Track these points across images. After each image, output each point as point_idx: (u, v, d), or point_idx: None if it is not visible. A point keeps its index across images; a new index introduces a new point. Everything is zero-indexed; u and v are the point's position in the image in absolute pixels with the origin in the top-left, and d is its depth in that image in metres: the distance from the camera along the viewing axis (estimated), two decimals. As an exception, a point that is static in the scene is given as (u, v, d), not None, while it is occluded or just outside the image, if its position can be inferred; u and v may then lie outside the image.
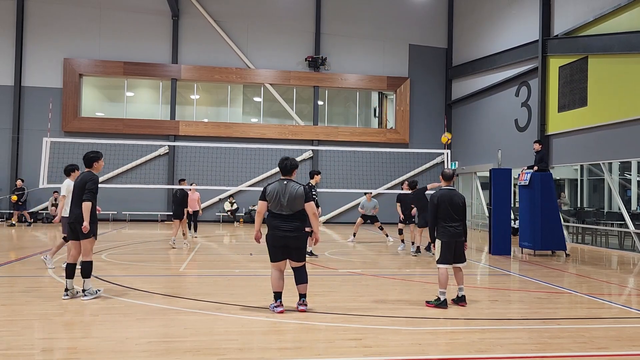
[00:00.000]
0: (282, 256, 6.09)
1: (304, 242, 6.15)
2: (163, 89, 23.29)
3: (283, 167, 6.17)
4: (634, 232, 13.72)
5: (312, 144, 23.30)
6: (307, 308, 6.12)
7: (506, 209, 12.91)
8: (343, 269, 9.87)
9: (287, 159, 6.19)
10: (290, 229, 5.97)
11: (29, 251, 11.42)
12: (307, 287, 6.18)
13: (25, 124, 21.71)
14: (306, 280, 6.15)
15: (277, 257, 6.10)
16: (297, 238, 6.02)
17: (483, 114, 21.85)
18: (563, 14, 16.64)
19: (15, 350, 4.53)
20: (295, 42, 23.81)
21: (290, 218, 6.00)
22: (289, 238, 5.98)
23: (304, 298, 6.16)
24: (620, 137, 14.13)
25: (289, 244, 6.02)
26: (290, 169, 6.16)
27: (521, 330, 5.56)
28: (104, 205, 22.07)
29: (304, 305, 6.11)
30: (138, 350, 4.60)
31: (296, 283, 6.15)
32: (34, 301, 6.48)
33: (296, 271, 6.15)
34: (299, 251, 6.10)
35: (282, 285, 6.12)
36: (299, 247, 6.09)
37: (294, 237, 6.00)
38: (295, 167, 6.21)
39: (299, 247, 6.08)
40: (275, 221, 6.01)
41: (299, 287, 6.14)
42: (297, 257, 6.12)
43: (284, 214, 6.00)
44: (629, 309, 6.82)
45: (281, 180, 6.13)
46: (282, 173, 6.19)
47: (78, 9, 22.30)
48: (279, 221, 5.99)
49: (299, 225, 6.04)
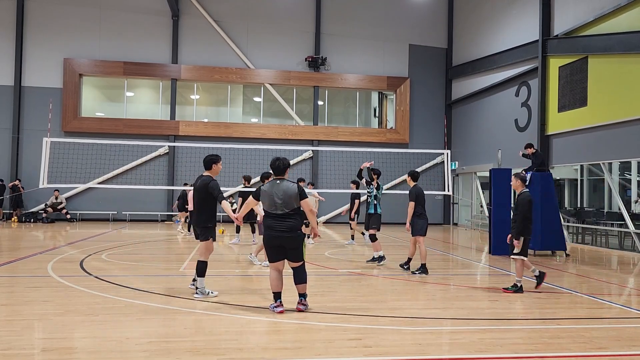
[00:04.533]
0: (279, 256, 6.10)
1: (300, 242, 6.12)
2: (163, 89, 23.29)
3: (276, 167, 6.21)
4: (634, 232, 13.72)
5: (312, 144, 23.30)
6: (306, 308, 6.13)
7: (506, 209, 12.90)
8: (343, 269, 9.86)
9: (279, 159, 6.23)
10: (284, 228, 5.99)
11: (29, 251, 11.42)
12: (306, 286, 6.18)
13: (25, 124, 21.71)
14: (305, 280, 6.16)
15: (274, 257, 6.12)
16: (292, 238, 6.02)
17: (483, 114, 21.85)
18: (563, 14, 16.64)
19: (15, 350, 4.53)
20: (295, 42, 23.81)
21: (284, 217, 6.02)
22: (283, 238, 6.00)
23: (304, 297, 6.16)
24: (620, 137, 14.13)
25: (284, 244, 6.03)
26: (283, 169, 6.20)
27: (521, 330, 5.56)
28: (104, 205, 22.34)
29: (303, 305, 6.11)
30: (138, 350, 4.60)
31: (295, 283, 6.15)
32: (34, 301, 6.48)
33: (295, 271, 6.16)
34: (295, 251, 6.09)
35: (281, 286, 6.11)
36: (295, 248, 6.08)
37: (289, 238, 6.01)
38: (288, 166, 6.26)
39: (294, 248, 6.08)
40: (270, 221, 6.06)
41: (298, 287, 6.15)
42: (294, 257, 6.11)
43: (278, 213, 6.03)
44: (629, 309, 6.82)
45: (274, 180, 6.17)
46: (275, 173, 6.22)
47: (78, 9, 22.30)
48: (273, 221, 6.04)
49: (293, 224, 6.04)
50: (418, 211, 9.34)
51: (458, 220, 24.17)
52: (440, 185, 22.82)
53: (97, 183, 19.94)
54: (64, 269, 9.02)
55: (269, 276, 6.21)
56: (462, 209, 24.13)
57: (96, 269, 9.06)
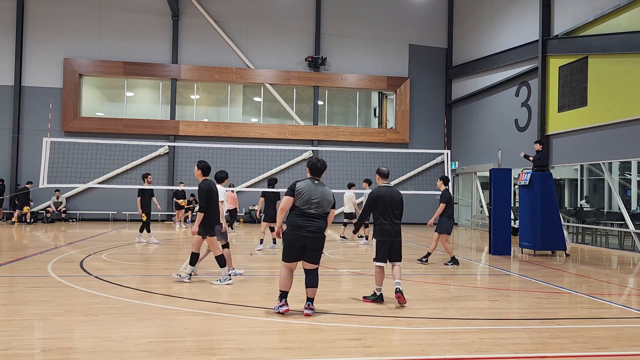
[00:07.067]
0: (297, 257, 5.98)
1: (323, 245, 6.07)
2: (163, 89, 23.29)
3: (318, 169, 6.13)
4: (634, 232, 13.72)
5: (312, 144, 23.31)
6: (313, 312, 5.99)
7: (506, 209, 12.90)
8: (343, 269, 9.86)
9: (319, 160, 6.17)
10: (314, 229, 5.88)
11: (29, 251, 11.42)
12: (316, 291, 6.08)
13: (25, 124, 21.71)
14: (317, 284, 6.05)
15: (292, 257, 5.97)
16: (318, 239, 5.94)
17: (483, 114, 21.85)
18: (563, 14, 16.63)
19: (15, 350, 4.53)
20: (295, 42, 23.81)
21: (317, 217, 5.95)
22: (310, 239, 5.88)
23: (311, 302, 6.03)
24: (620, 137, 14.13)
25: (309, 245, 5.91)
26: (322, 170, 6.16)
27: (521, 330, 5.56)
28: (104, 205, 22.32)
29: (310, 310, 5.97)
30: (138, 350, 4.60)
31: (306, 286, 6.03)
32: (34, 301, 6.48)
33: (308, 274, 6.04)
34: (317, 253, 6.01)
35: (290, 285, 6.04)
36: (318, 249, 6.00)
37: (317, 238, 5.92)
38: (326, 167, 6.23)
39: (318, 249, 6.00)
40: (301, 220, 5.89)
41: (309, 290, 6.02)
42: (314, 258, 6.01)
43: (311, 213, 5.91)
44: (629, 309, 6.82)
45: (312, 179, 6.09)
46: (315, 173, 6.13)
47: (78, 9, 22.31)
48: (304, 220, 5.88)
49: (322, 225, 5.97)
50: (448, 212, 10.29)
51: (458, 220, 24.16)
52: (440, 185, 22.79)
53: (97, 183, 19.94)
54: (64, 269, 9.02)
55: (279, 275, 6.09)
56: (462, 209, 24.13)
57: (96, 269, 9.06)
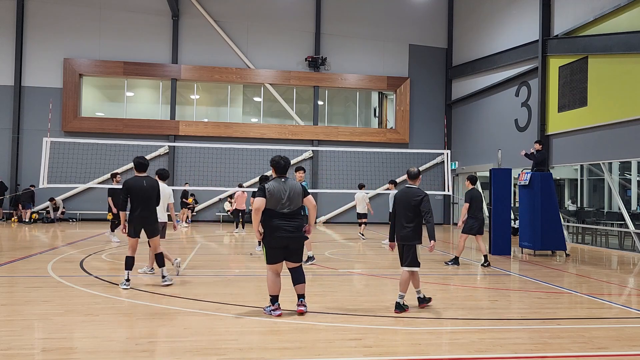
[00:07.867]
0: (280, 258, 6.01)
1: (303, 243, 6.14)
2: (163, 89, 23.29)
3: (282, 167, 6.13)
4: (634, 232, 13.72)
5: (312, 144, 23.30)
6: (306, 309, 6.06)
7: (506, 209, 12.91)
8: (343, 269, 9.86)
9: (282, 157, 6.17)
10: (292, 228, 5.91)
11: (29, 251, 11.41)
12: (305, 286, 6.13)
13: (25, 124, 21.71)
14: (304, 280, 6.10)
15: (275, 258, 5.98)
16: (299, 238, 5.99)
17: (483, 114, 21.85)
18: (563, 14, 16.63)
19: (15, 350, 4.53)
20: (295, 42, 23.81)
21: (292, 216, 5.97)
22: (291, 239, 5.91)
23: (303, 298, 6.08)
24: (620, 137, 14.13)
25: (290, 245, 5.95)
26: (286, 167, 6.17)
27: (521, 330, 5.56)
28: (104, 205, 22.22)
29: (303, 306, 6.03)
30: (138, 350, 4.60)
31: (294, 283, 6.07)
32: (34, 301, 6.48)
33: (293, 272, 6.08)
34: (299, 252, 6.07)
35: (279, 288, 6.04)
36: (300, 248, 6.06)
37: (296, 237, 5.95)
38: (289, 164, 6.27)
39: (299, 248, 6.06)
40: (277, 221, 5.88)
41: (297, 287, 6.07)
42: (297, 258, 6.07)
43: (285, 212, 5.93)
44: (629, 309, 6.81)
45: (278, 178, 6.09)
46: (279, 172, 6.13)
47: (78, 9, 22.30)
48: (281, 221, 5.89)
49: (300, 224, 6.01)
50: (471, 212, 10.31)
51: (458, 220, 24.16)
52: (440, 185, 22.83)
53: (97, 183, 19.93)
54: (64, 269, 9.02)
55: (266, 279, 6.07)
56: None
57: (96, 269, 9.06)
